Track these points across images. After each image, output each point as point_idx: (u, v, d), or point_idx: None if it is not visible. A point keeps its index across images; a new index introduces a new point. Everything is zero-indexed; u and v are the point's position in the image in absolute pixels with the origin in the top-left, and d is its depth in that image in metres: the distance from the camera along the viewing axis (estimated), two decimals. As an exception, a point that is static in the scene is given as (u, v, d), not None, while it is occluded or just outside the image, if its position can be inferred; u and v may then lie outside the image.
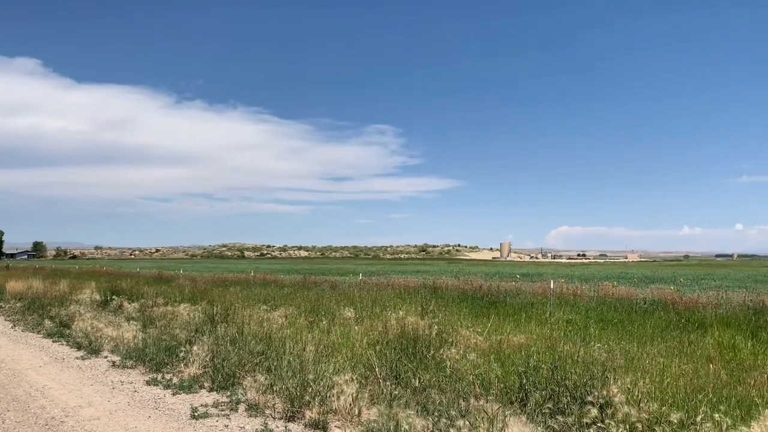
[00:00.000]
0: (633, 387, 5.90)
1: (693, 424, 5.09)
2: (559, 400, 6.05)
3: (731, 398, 6.06)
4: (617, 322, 13.27)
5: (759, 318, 12.70)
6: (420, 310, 11.70)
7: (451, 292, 19.52)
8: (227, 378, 8.24)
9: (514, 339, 10.18)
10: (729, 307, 13.84)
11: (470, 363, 7.78)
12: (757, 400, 5.96)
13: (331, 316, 12.66)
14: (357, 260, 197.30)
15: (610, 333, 11.83)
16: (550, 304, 16.05)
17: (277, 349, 8.76)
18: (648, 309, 14.84)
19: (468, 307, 15.54)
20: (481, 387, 6.68)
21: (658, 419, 5.27)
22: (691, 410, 5.33)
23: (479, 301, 17.54)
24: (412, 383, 7.13)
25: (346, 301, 15.03)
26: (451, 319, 11.15)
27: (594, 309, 15.26)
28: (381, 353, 8.02)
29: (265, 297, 17.31)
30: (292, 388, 6.92)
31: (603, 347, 8.99)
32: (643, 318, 13.64)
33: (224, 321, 11.57)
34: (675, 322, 13.03)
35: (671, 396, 6.03)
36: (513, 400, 6.49)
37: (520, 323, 12.93)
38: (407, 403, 6.49)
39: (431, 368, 7.56)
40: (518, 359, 7.56)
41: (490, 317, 13.13)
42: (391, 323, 9.62)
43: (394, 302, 14.26)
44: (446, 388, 6.79)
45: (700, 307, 14.16)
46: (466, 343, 9.50)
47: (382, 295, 16.99)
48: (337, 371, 7.22)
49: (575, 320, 13.73)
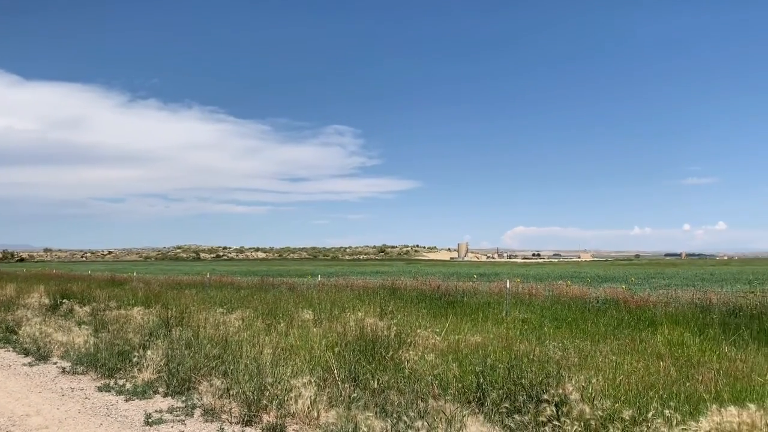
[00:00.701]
0: (587, 385, 6.01)
1: (644, 421, 5.21)
2: (515, 398, 6.13)
3: (680, 394, 6.24)
4: (571, 321, 13.56)
5: (706, 315, 13.15)
6: (379, 311, 11.75)
7: (409, 292, 19.62)
8: (182, 383, 8.08)
9: (472, 338, 10.29)
10: (678, 306, 14.28)
11: (429, 363, 7.83)
12: (705, 396, 6.15)
13: (289, 318, 12.55)
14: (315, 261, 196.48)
15: (565, 331, 12.08)
16: (506, 303, 16.29)
17: (233, 353, 8.64)
18: (601, 308, 15.20)
19: (426, 308, 15.65)
20: (440, 387, 6.71)
21: (611, 416, 5.38)
22: (643, 407, 5.46)
23: (437, 301, 17.69)
24: (370, 385, 7.12)
25: (304, 303, 14.93)
26: (410, 319, 11.21)
27: (549, 308, 15.55)
28: (340, 355, 7.99)
29: (222, 299, 17.06)
30: (249, 392, 6.83)
31: (558, 346, 9.17)
32: (596, 316, 13.96)
33: (179, 324, 11.35)
34: (627, 320, 13.38)
35: (624, 393, 6.17)
36: (471, 399, 6.55)
37: (478, 323, 13.09)
38: (366, 404, 6.47)
39: (390, 369, 7.56)
40: (476, 359, 7.63)
41: (448, 317, 13.23)
42: (350, 325, 9.60)
43: (353, 304, 14.25)
44: (405, 389, 6.80)
45: (651, 305, 14.57)
46: (425, 343, 9.55)
47: (340, 296, 16.94)
48: (295, 374, 7.17)
49: (531, 319, 13.97)
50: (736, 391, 6.50)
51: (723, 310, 13.47)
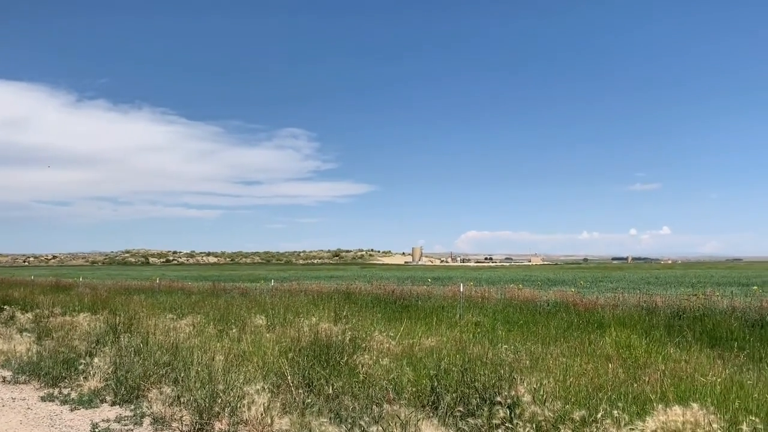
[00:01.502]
0: (539, 387, 6.11)
1: (594, 421, 5.32)
2: (469, 401, 6.18)
3: (628, 395, 6.40)
4: (523, 324, 13.78)
5: (652, 318, 13.55)
6: (333, 316, 11.69)
7: (364, 297, 19.63)
8: (131, 391, 7.87)
9: (426, 342, 10.35)
10: (625, 308, 14.67)
11: (383, 368, 7.83)
12: (651, 396, 6.32)
13: (241, 324, 12.38)
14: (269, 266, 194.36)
15: (517, 334, 12.27)
16: (459, 306, 16.45)
17: (184, 360, 8.45)
18: (551, 310, 15.49)
19: (381, 312, 15.66)
20: (394, 391, 6.72)
21: (562, 417, 5.48)
22: (592, 408, 5.58)
23: (392, 305, 17.73)
24: (325, 390, 7.08)
25: (257, 308, 14.75)
26: (365, 324, 11.20)
27: (501, 311, 15.76)
28: (293, 361, 7.91)
29: (172, 305, 16.73)
30: (200, 400, 6.70)
31: (510, 348, 9.29)
32: (547, 319, 14.23)
33: (128, 331, 11.04)
34: (576, 323, 13.67)
35: (574, 394, 6.30)
36: (425, 403, 6.58)
37: (432, 326, 13.16)
38: (320, 410, 6.43)
39: (344, 374, 7.53)
40: (430, 362, 7.67)
41: (402, 321, 13.27)
42: (304, 330, 9.53)
43: (307, 308, 14.17)
44: (359, 394, 6.79)
45: (599, 308, 14.92)
46: (379, 347, 9.54)
47: (294, 301, 16.83)
48: (248, 381, 7.06)
49: (483, 322, 14.14)
50: (680, 391, 6.70)
51: (668, 312, 13.91)
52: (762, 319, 12.62)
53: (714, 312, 13.41)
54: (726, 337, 11.64)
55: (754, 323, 12.47)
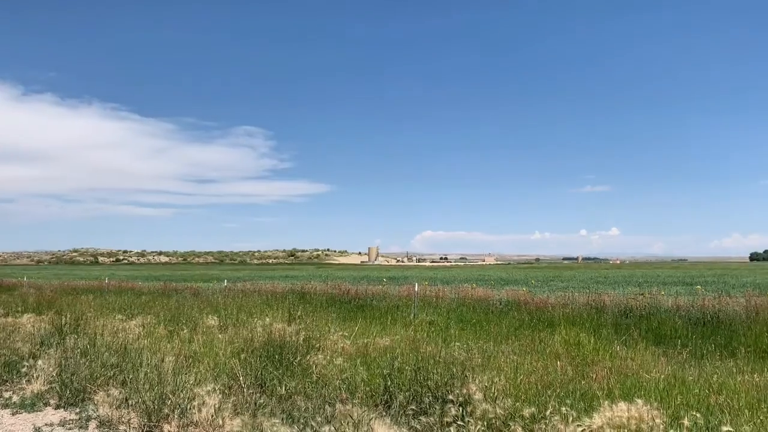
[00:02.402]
0: (490, 385, 6.20)
1: (543, 418, 5.43)
2: (422, 400, 6.22)
3: (576, 392, 6.55)
4: (476, 323, 13.96)
5: (600, 316, 13.92)
6: (288, 316, 11.62)
7: (319, 297, 19.59)
8: (77, 393, 7.64)
9: (380, 342, 10.39)
10: (574, 307, 15.02)
11: (337, 368, 7.83)
12: (598, 393, 6.49)
13: (193, 324, 12.18)
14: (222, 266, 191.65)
15: (470, 333, 12.43)
16: (414, 306, 16.55)
17: (133, 361, 8.25)
18: (503, 309, 15.75)
19: (336, 312, 15.65)
20: (347, 391, 6.72)
21: (512, 414, 5.58)
22: (542, 405, 5.69)
23: (347, 305, 17.73)
24: (278, 391, 7.03)
25: (209, 309, 14.55)
26: (319, 324, 11.18)
27: (455, 310, 15.94)
28: (246, 362, 7.83)
29: (121, 305, 16.35)
30: (149, 402, 6.55)
31: (463, 347, 9.40)
32: (499, 318, 14.45)
33: (74, 332, 10.72)
34: (527, 321, 13.93)
35: (524, 392, 6.41)
36: (378, 402, 6.60)
37: (386, 326, 13.23)
38: (272, 411, 6.38)
39: (298, 375, 7.49)
40: (383, 362, 7.69)
41: (357, 321, 13.30)
42: (258, 330, 9.44)
43: (260, 309, 14.06)
44: (312, 395, 6.76)
45: (550, 307, 15.24)
46: (334, 347, 9.53)
47: (248, 301, 16.66)
48: (198, 382, 6.95)
49: (437, 321, 14.27)
50: (626, 388, 6.90)
51: (615, 311, 14.30)
52: (704, 317, 13.11)
53: (659, 311, 13.86)
54: (670, 335, 12.04)
55: (696, 321, 12.94)
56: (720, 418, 5.63)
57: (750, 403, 6.32)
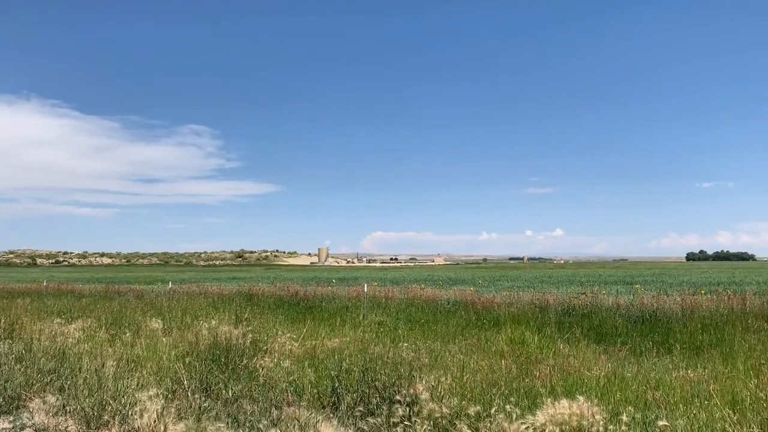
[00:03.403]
0: (437, 384, 6.26)
1: (488, 416, 5.52)
2: (369, 401, 6.23)
3: (520, 390, 6.69)
4: (424, 323, 14.07)
5: (544, 315, 14.24)
6: (234, 319, 11.47)
7: (267, 298, 19.43)
8: (11, 401, 7.33)
9: (329, 343, 10.36)
10: (520, 306, 15.33)
11: (284, 370, 7.77)
12: (541, 390, 6.64)
13: (136, 327, 11.89)
14: (167, 267, 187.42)
15: (418, 333, 12.52)
16: (363, 307, 16.57)
17: (72, 366, 7.99)
18: (451, 309, 15.94)
19: (284, 314, 15.54)
20: (294, 393, 6.68)
21: (458, 413, 5.64)
22: (487, 403, 5.79)
23: (296, 306, 17.62)
24: (223, 395, 6.92)
25: (153, 312, 14.23)
26: (267, 326, 11.08)
27: (404, 310, 16.04)
28: (191, 365, 7.68)
29: (60, 309, 15.80)
30: (88, 408, 6.35)
31: (411, 347, 9.46)
32: (447, 317, 14.62)
33: (9, 337, 10.32)
34: (474, 320, 14.14)
35: (470, 391, 6.50)
36: (325, 404, 6.58)
37: (335, 327, 13.20)
38: (217, 415, 6.28)
39: (244, 378, 7.40)
40: (332, 363, 7.67)
41: (306, 323, 13.22)
42: (203, 333, 9.29)
43: (206, 311, 13.83)
44: (259, 398, 6.69)
45: (496, 306, 15.51)
46: (281, 350, 9.46)
47: (193, 303, 16.36)
48: (141, 387, 6.77)
49: (386, 322, 14.33)
50: (568, 385, 7.08)
51: (559, 310, 14.67)
52: (643, 315, 13.58)
53: (600, 309, 14.28)
54: (611, 333, 12.41)
55: (636, 319, 13.39)
56: (657, 413, 5.84)
57: (684, 398, 6.59)
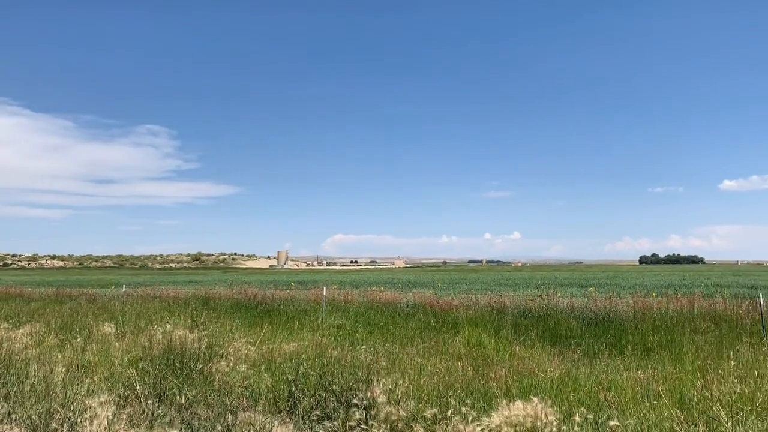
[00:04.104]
0: (394, 387, 6.28)
1: (444, 419, 5.56)
2: (326, 405, 6.20)
3: (477, 392, 6.75)
4: (383, 326, 14.09)
5: (501, 317, 14.42)
6: (190, 323, 11.27)
7: (224, 302, 19.19)
8: (-48, 410, 7.05)
9: (287, 347, 10.28)
10: (477, 308, 15.49)
11: (240, 374, 7.67)
12: (497, 392, 6.73)
13: (87, 332, 11.57)
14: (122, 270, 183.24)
15: (377, 336, 12.54)
16: (322, 310, 16.50)
17: (18, 373, 7.72)
18: (410, 312, 15.99)
19: (242, 318, 15.37)
20: (250, 398, 6.60)
21: (415, 416, 5.67)
22: (443, 405, 5.83)
23: (253, 310, 17.44)
24: (177, 400, 6.79)
25: (106, 316, 13.90)
26: (224, 330, 10.93)
27: (363, 314, 16.03)
28: (144, 370, 7.52)
29: (8, 313, 15.26)
30: (35, 416, 6.14)
31: (369, 350, 9.46)
32: (406, 320, 14.67)
33: (-50, 344, 9.91)
34: (433, 323, 14.23)
35: (427, 393, 6.54)
36: (282, 409, 6.52)
37: (293, 331, 13.10)
38: (171, 421, 6.15)
39: (199, 383, 7.27)
40: (288, 367, 7.62)
41: (263, 326, 13.09)
42: (157, 338, 9.10)
43: (161, 315, 13.58)
44: (214, 403, 6.58)
45: (454, 308, 15.64)
46: (238, 354, 9.34)
47: (148, 307, 16.05)
48: (91, 393, 6.59)
49: (345, 325, 14.30)
50: (523, 387, 7.18)
51: (515, 312, 14.87)
52: (596, 317, 13.88)
53: (556, 311, 14.54)
54: (565, 335, 12.65)
55: (589, 321, 13.67)
56: (608, 414, 5.98)
57: (635, 398, 6.76)
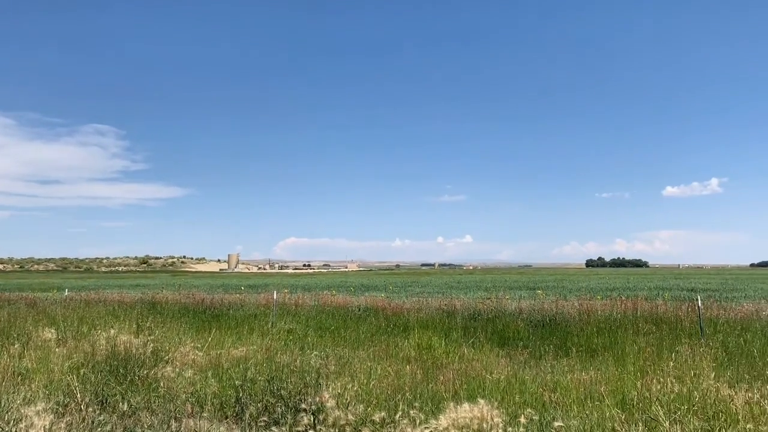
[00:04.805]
0: (343, 391, 6.27)
1: (392, 422, 5.59)
2: (274, 410, 6.15)
3: (425, 395, 6.81)
4: (334, 329, 14.05)
5: (451, 320, 14.57)
6: (135, 328, 11.03)
7: (171, 306, 18.81)
8: None
9: (235, 352, 10.14)
10: (428, 311, 15.61)
11: (186, 380, 7.54)
12: (445, 395, 6.80)
13: (26, 338, 11.16)
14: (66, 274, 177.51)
15: (328, 340, 12.49)
16: (272, 314, 16.33)
17: (-51, 382, 7.40)
18: (362, 315, 16.00)
19: (189, 322, 15.07)
20: (197, 404, 6.49)
21: (363, 420, 5.68)
22: (392, 409, 5.86)
23: (202, 315, 17.15)
24: (120, 407, 6.61)
25: (46, 321, 13.45)
26: (170, 335, 10.73)
27: (314, 318, 15.95)
28: (85, 377, 7.31)
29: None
30: (-33, 427, 5.89)
31: (320, 354, 9.42)
32: (357, 324, 14.66)
33: None
34: (384, 326, 14.26)
35: (376, 397, 6.56)
36: (228, 415, 6.44)
37: (243, 336, 12.93)
38: (113, 429, 5.99)
39: (143, 389, 7.11)
40: (236, 372, 7.53)
41: (212, 331, 12.89)
42: (101, 343, 8.90)
43: (105, 320, 13.24)
44: (158, 410, 6.45)
45: (405, 312, 15.73)
46: (184, 359, 9.17)
47: (91, 312, 15.59)
48: (28, 402, 6.36)
49: (296, 329, 14.19)
50: (471, 389, 7.28)
51: (465, 314, 15.05)
52: (543, 319, 14.16)
53: (504, 314, 14.78)
54: (513, 337, 12.86)
55: (537, 323, 13.94)
56: (553, 414, 6.11)
57: (579, 399, 6.93)
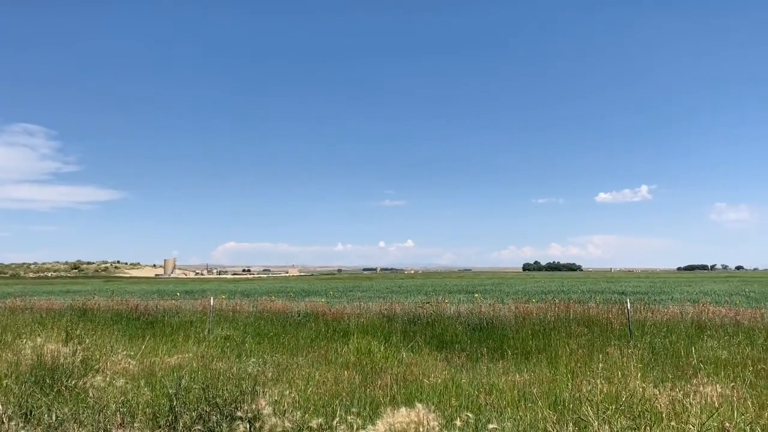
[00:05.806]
0: (280, 398, 6.22)
1: (330, 428, 5.59)
2: (209, 418, 6.03)
3: (363, 400, 6.83)
4: (273, 336, 13.91)
5: (391, 324, 14.66)
6: (64, 336, 10.61)
7: (104, 313, 18.27)
8: None
9: (170, 360, 9.93)
10: (369, 316, 15.66)
11: (118, 389, 7.33)
12: (383, 400, 6.84)
13: (-57, 349, 10.56)
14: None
15: (266, 346, 12.35)
16: (209, 321, 16.03)
17: None
18: (301, 321, 15.91)
19: (122, 330, 14.67)
20: (128, 414, 6.30)
21: (300, 427, 5.65)
22: (330, 415, 5.86)
23: (135, 321, 16.69)
24: (45, 420, 6.35)
25: (-34, 330, 12.73)
26: (102, 343, 10.40)
27: (252, 324, 15.75)
28: (8, 388, 7.00)
29: None
30: None
31: (257, 361, 9.33)
32: (297, 330, 14.57)
33: None
34: (324, 332, 14.21)
35: (314, 403, 6.55)
36: (162, 424, 6.27)
37: (178, 343, 12.66)
38: (38, 443, 5.76)
39: (71, 400, 6.86)
40: (170, 381, 7.35)
41: (146, 339, 12.56)
42: (26, 352, 8.52)
43: (32, 328, 12.72)
44: (86, 421, 6.22)
45: (346, 317, 15.73)
46: (116, 368, 8.90)
47: (16, 320, 14.94)
48: (-56, 416, 6.04)
49: (233, 336, 13.97)
50: (409, 393, 7.35)
51: (405, 319, 15.18)
52: (481, 323, 14.44)
53: (443, 317, 14.98)
54: (451, 340, 13.05)
55: (474, 327, 14.20)
56: (488, 416, 6.24)
57: (513, 401, 7.09)
